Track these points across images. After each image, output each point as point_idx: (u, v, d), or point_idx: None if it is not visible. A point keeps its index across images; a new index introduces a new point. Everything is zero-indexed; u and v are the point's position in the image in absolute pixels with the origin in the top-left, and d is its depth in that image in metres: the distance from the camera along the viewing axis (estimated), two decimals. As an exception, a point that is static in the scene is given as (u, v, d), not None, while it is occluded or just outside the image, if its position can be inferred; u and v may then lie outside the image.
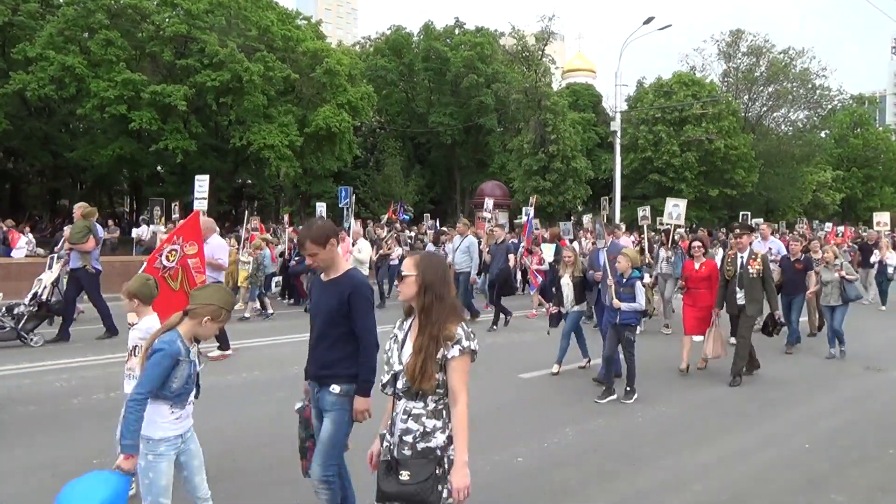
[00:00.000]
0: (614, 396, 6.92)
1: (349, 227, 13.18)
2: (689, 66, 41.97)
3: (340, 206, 17.52)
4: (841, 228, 21.47)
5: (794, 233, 26.94)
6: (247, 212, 16.82)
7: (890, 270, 14.98)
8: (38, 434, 5.60)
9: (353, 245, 12.29)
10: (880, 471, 5.18)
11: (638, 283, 7.02)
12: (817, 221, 35.24)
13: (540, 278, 12.98)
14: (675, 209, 12.60)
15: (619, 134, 27.30)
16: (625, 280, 7.05)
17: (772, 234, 16.22)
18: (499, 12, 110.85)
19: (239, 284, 12.82)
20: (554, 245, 12.40)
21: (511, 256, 12.11)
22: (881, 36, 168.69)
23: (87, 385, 7.21)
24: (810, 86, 40.49)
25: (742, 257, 7.87)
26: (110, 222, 23.51)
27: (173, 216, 18.04)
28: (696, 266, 8.45)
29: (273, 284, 15.49)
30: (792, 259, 10.29)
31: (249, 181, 36.89)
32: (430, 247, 13.95)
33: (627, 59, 42.70)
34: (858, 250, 16.52)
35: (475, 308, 12.43)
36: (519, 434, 5.80)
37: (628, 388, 7.00)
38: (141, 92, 25.32)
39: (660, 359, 8.84)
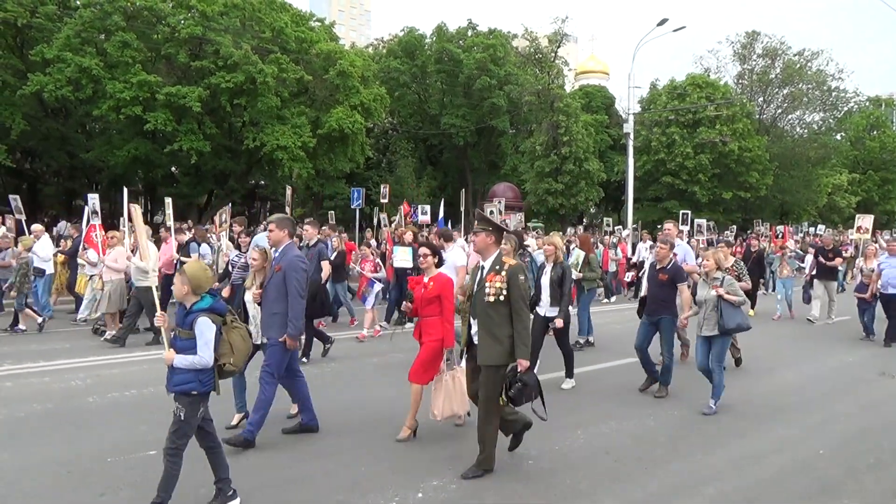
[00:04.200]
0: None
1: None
2: (704, 67, 41.70)
3: (353, 206, 17.62)
4: (780, 229, 17.83)
5: (730, 235, 22.13)
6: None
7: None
8: (53, 431, 5.67)
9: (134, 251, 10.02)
10: (895, 477, 5.13)
11: (203, 321, 4.01)
12: (800, 225, 33.81)
13: (377, 287, 10.76)
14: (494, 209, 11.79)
15: (631, 136, 27.19)
16: (186, 314, 4.09)
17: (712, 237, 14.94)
18: (512, 14, 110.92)
19: (77, 291, 11.60)
20: (410, 248, 10.57)
21: (325, 264, 9.03)
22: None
23: (103, 383, 7.30)
24: (826, 88, 40.13)
25: (483, 268, 5.01)
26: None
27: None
28: (425, 280, 5.85)
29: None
30: (657, 268, 7.42)
31: (262, 182, 37.10)
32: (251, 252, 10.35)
33: (641, 61, 42.60)
34: (814, 258, 13.71)
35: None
36: (530, 435, 5.79)
37: (222, 487, 4.32)
38: (156, 93, 25.56)
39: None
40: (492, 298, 4.79)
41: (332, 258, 10.61)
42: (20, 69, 26.21)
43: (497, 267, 4.87)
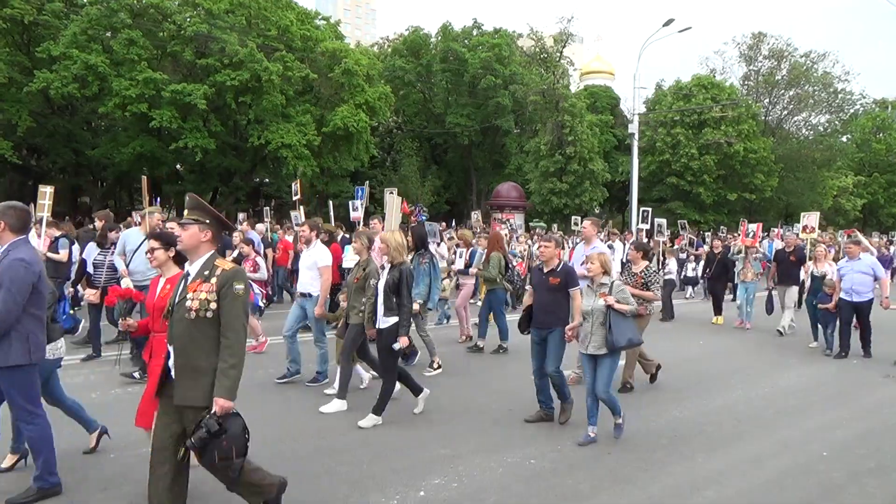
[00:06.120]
0: None
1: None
2: (709, 68, 41.61)
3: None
4: (753, 227, 15.88)
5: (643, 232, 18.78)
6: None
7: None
8: (56, 427, 5.66)
9: None
10: (897, 481, 5.12)
11: None
12: (790, 226, 32.05)
13: (256, 289, 8.59)
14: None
15: (636, 136, 27.17)
16: None
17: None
18: (517, 13, 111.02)
19: None
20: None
21: None
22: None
23: (105, 380, 7.32)
24: (832, 90, 40.00)
25: (188, 274, 3.68)
26: (130, 219, 23.80)
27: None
28: (161, 282, 4.60)
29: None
30: (545, 271, 6.24)
31: (267, 180, 37.22)
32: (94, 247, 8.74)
33: (646, 62, 42.51)
34: (774, 261, 12.52)
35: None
36: (532, 436, 5.80)
37: None
38: (162, 91, 25.68)
39: (674, 363, 8.76)
40: (194, 315, 3.46)
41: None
42: (27, 66, 26.35)
43: (206, 272, 3.54)
